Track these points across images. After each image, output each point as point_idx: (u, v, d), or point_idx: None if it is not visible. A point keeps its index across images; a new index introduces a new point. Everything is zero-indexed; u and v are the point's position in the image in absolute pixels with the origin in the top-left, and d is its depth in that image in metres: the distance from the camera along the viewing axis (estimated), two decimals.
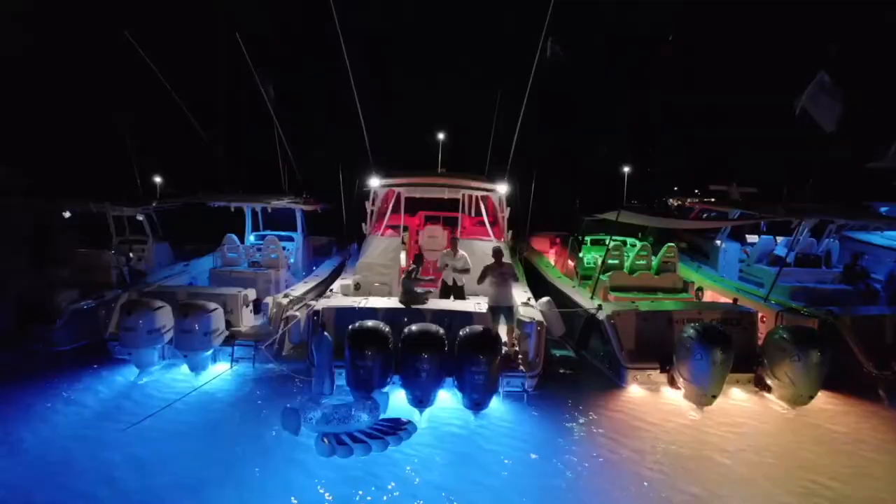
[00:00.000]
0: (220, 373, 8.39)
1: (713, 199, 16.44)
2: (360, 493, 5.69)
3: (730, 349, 7.63)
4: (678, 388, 8.36)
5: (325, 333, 7.41)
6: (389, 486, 5.83)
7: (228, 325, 8.87)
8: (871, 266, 13.68)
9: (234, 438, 6.79)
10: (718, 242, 13.91)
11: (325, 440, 6.26)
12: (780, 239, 13.78)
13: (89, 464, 6.12)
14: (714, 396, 7.76)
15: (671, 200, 20.02)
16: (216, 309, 8.28)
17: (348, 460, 6.09)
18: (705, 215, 15.17)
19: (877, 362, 8.98)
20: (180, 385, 8.12)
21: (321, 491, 5.72)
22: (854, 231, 15.45)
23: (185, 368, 8.44)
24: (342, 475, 5.97)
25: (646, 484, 6.14)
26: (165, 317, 8.20)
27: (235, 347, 8.61)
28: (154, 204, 12.48)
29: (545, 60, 10.70)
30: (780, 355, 8.10)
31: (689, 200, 17.87)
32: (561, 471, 6.33)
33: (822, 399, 8.53)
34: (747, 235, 14.96)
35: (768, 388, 8.55)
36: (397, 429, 6.62)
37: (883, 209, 14.78)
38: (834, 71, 10.21)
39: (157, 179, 13.21)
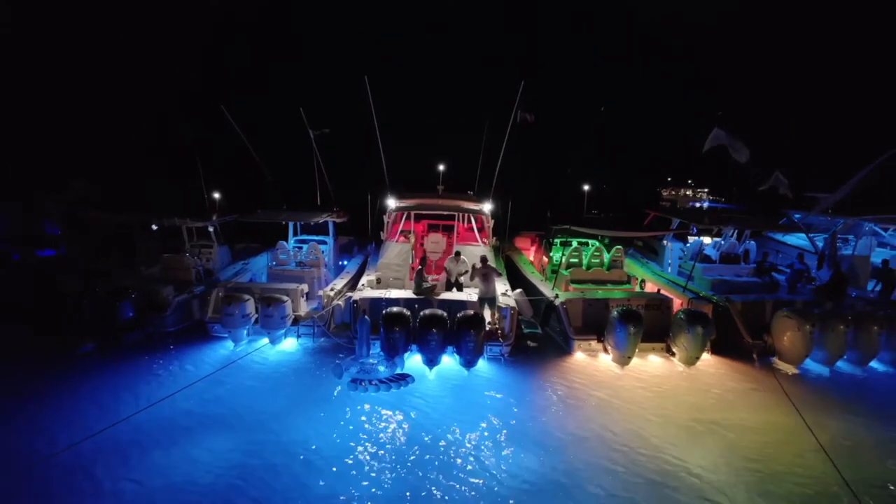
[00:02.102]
0: (288, 346, 11.99)
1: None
2: (393, 416, 9.22)
3: (640, 324, 11.20)
4: (608, 353, 11.97)
5: (366, 316, 10.95)
6: (413, 413, 9.36)
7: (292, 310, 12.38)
8: (784, 262, 17.29)
9: (301, 384, 10.38)
10: (665, 243, 17.45)
11: (354, 382, 9.93)
12: (709, 240, 17.32)
13: (211, 404, 9.61)
14: (629, 358, 11.37)
15: (664, 191, 23.56)
16: (287, 300, 11.81)
17: (386, 396, 9.70)
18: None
19: (753, 335, 12.62)
20: (261, 353, 11.69)
21: (364, 417, 9.25)
22: (773, 232, 19.08)
23: (265, 341, 12.01)
24: (382, 405, 9.53)
25: (584, 410, 9.72)
26: (251, 305, 11.72)
27: (300, 327, 12.17)
28: (215, 217, 15.82)
29: (516, 124, 14.16)
30: (679, 329, 11.69)
31: (682, 191, 21.39)
32: (525, 406, 9.86)
33: (711, 361, 12.18)
34: (689, 237, 18.52)
35: (673, 354, 12.16)
36: (401, 380, 10.23)
37: (797, 216, 18.29)
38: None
39: (216, 195, 16.55)
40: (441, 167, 16.07)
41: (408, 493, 7.19)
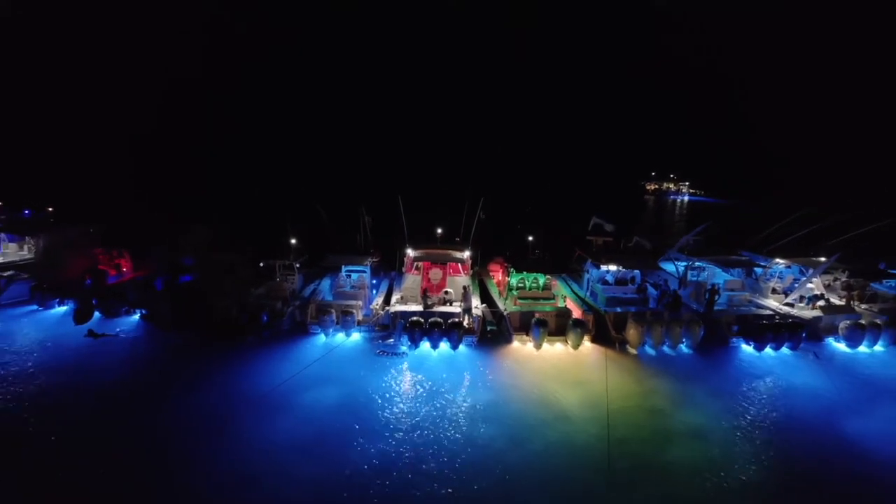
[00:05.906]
0: (355, 339, 21.52)
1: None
2: (414, 375, 18.66)
3: (546, 327, 20.74)
4: (531, 342, 21.48)
5: (401, 321, 20.40)
6: (425, 374, 18.80)
7: None
8: (662, 282, 26.89)
9: (365, 359, 19.78)
10: (585, 269, 27.05)
11: (379, 353, 19.52)
12: (614, 268, 26.78)
13: (324, 372, 19.01)
14: (541, 345, 20.92)
15: (648, 185, 33.37)
16: (355, 312, 21.17)
17: (408, 363, 19.18)
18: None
19: (617, 331, 22.17)
20: (342, 344, 21.06)
21: (400, 375, 18.70)
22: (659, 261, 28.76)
23: (341, 336, 21.41)
24: (409, 370, 18.98)
25: (516, 372, 19.22)
26: (335, 315, 21.05)
27: (361, 327, 21.57)
28: (292, 256, 24.99)
29: (479, 220, 23.82)
30: (569, 329, 21.23)
31: (664, 184, 31.15)
32: (486, 369, 19.32)
33: (590, 347, 21.68)
34: (601, 266, 28.05)
35: (567, 343, 21.68)
36: (403, 354, 19.79)
37: (671, 253, 27.99)
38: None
39: (293, 241, 25.76)
40: (439, 230, 25.85)
41: (420, 409, 16.66)
